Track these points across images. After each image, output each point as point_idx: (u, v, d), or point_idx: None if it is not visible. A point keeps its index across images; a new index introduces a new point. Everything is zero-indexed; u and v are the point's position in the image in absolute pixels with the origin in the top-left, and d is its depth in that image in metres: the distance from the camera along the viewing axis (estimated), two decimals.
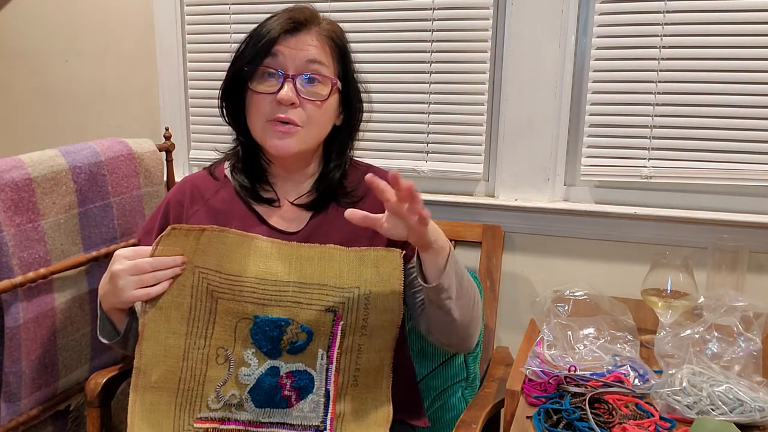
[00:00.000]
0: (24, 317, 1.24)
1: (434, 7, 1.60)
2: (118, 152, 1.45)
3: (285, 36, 1.07)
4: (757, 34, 1.40)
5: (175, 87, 1.87)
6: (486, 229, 1.58)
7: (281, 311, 1.06)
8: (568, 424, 0.97)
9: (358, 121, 1.18)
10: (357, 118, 1.17)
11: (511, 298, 1.65)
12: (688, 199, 1.52)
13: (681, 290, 1.19)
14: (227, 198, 1.17)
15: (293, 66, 1.07)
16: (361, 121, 1.18)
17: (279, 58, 1.07)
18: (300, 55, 1.07)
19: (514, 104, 1.57)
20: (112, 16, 1.91)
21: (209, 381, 1.07)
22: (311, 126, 1.09)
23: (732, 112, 1.44)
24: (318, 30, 1.09)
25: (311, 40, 1.08)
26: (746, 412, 0.95)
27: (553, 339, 1.17)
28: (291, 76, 1.06)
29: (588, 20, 1.53)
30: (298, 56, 1.07)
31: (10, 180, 1.22)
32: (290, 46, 1.07)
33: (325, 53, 1.09)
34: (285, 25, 1.07)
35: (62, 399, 1.38)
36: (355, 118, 1.17)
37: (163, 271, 1.03)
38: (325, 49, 1.09)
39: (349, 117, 1.16)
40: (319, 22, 1.10)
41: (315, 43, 1.08)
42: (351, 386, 1.10)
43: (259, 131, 1.10)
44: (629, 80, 1.50)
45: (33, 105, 2.05)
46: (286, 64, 1.07)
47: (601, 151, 1.55)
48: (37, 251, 1.27)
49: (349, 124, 1.17)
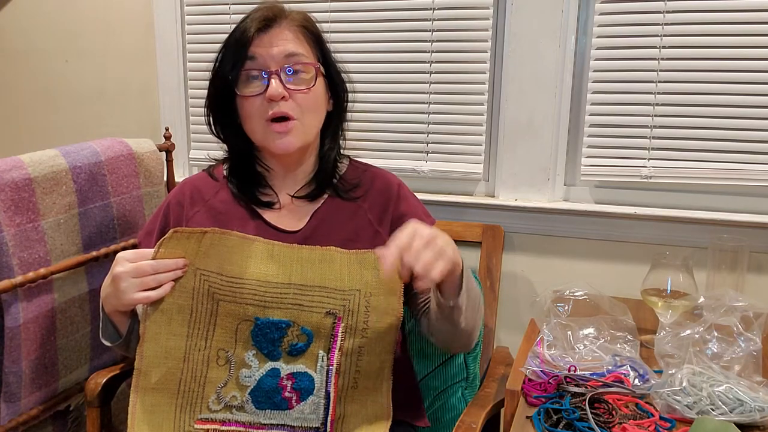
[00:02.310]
0: (24, 317, 1.24)
1: (434, 7, 1.60)
2: (118, 152, 1.45)
3: (258, 35, 1.08)
4: (757, 34, 1.40)
5: (175, 87, 1.87)
6: (486, 229, 1.58)
7: (282, 313, 1.06)
8: (568, 424, 0.97)
9: (345, 101, 1.19)
10: (344, 99, 1.19)
11: (511, 298, 1.65)
12: (688, 199, 1.52)
13: (681, 290, 1.19)
14: (227, 199, 1.17)
15: (273, 62, 1.08)
16: (347, 102, 1.20)
17: (258, 59, 1.08)
18: (277, 51, 1.08)
19: (514, 104, 1.57)
20: (112, 16, 1.91)
21: (210, 382, 1.07)
22: (306, 115, 1.10)
23: (732, 112, 1.44)
24: (288, 22, 1.11)
25: (284, 33, 1.10)
26: (746, 412, 0.95)
27: (553, 339, 1.17)
28: (274, 72, 1.07)
29: (588, 20, 1.53)
30: (276, 52, 1.08)
31: (10, 180, 1.22)
32: (265, 45, 1.08)
33: (301, 42, 1.11)
34: (257, 25, 1.08)
35: (62, 399, 1.37)
36: (342, 99, 1.19)
37: (164, 274, 1.03)
38: (300, 38, 1.11)
39: (337, 101, 1.18)
40: (288, 15, 1.12)
41: (289, 35, 1.10)
42: (351, 388, 1.10)
43: (259, 135, 1.11)
44: (629, 80, 1.50)
45: (33, 105, 2.05)
46: (267, 63, 1.08)
47: (601, 151, 1.55)
48: (37, 251, 1.27)
49: (339, 107, 1.19)
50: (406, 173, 1.67)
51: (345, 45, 1.67)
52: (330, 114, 1.18)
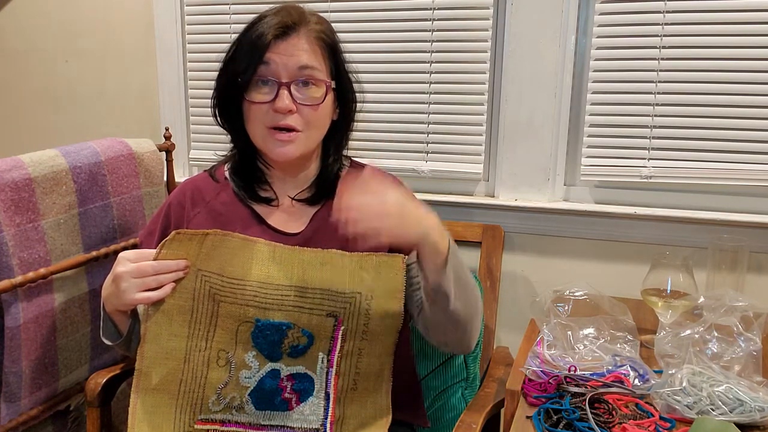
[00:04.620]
0: (24, 317, 1.24)
1: (434, 7, 1.60)
2: (118, 152, 1.45)
3: (276, 42, 1.06)
4: (757, 34, 1.40)
5: (175, 87, 1.87)
6: (486, 229, 1.58)
7: (283, 315, 1.06)
8: (568, 424, 0.97)
9: (353, 112, 1.18)
10: (352, 109, 1.18)
11: (511, 298, 1.65)
12: (688, 199, 1.52)
13: (681, 290, 1.19)
14: (228, 200, 1.17)
15: (286, 73, 1.06)
16: (355, 112, 1.19)
17: (272, 66, 1.06)
18: (292, 61, 1.06)
19: (514, 104, 1.57)
20: (112, 16, 1.91)
21: (210, 383, 1.07)
22: (311, 129, 1.10)
23: (732, 112, 1.44)
24: (307, 31, 1.09)
25: (302, 44, 1.08)
26: (746, 412, 0.95)
27: (553, 339, 1.18)
28: (285, 84, 1.06)
29: (588, 20, 1.53)
30: (291, 62, 1.06)
31: (10, 180, 1.22)
32: (282, 53, 1.06)
33: (316, 55, 1.09)
34: (275, 31, 1.06)
35: (62, 399, 1.38)
36: (350, 110, 1.18)
37: (165, 275, 1.04)
38: (316, 51, 1.09)
39: (344, 111, 1.17)
40: (307, 22, 1.10)
41: (306, 47, 1.08)
42: (351, 390, 1.10)
43: (259, 139, 1.11)
44: (629, 80, 1.50)
45: (33, 105, 2.05)
46: (279, 72, 1.06)
47: (601, 151, 1.55)
48: (37, 251, 1.27)
49: (345, 117, 1.18)
50: (406, 173, 1.67)
51: (345, 45, 1.66)
52: (335, 123, 1.17)
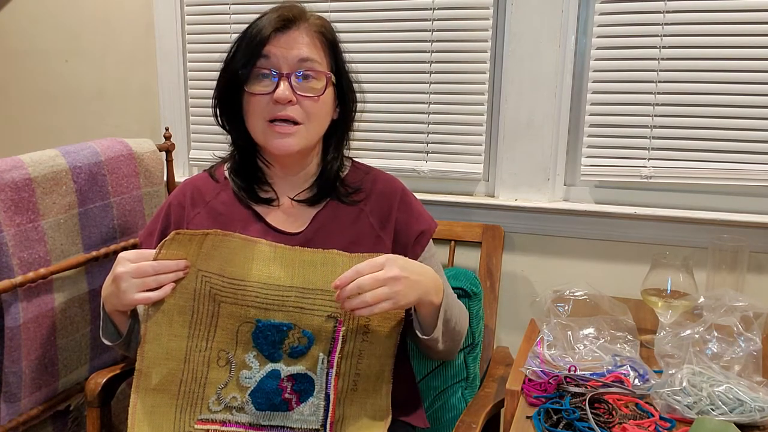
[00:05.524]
0: (24, 317, 1.24)
1: (434, 7, 1.60)
2: (118, 152, 1.45)
3: (276, 35, 1.08)
4: (757, 34, 1.40)
5: (175, 87, 1.87)
6: (486, 229, 1.58)
7: (283, 316, 1.06)
8: (568, 424, 0.97)
9: (353, 112, 1.19)
10: (352, 109, 1.19)
11: (511, 298, 1.65)
12: (688, 199, 1.52)
13: (681, 290, 1.19)
14: (228, 200, 1.17)
15: (286, 65, 1.07)
16: (356, 112, 1.19)
17: (272, 58, 1.08)
18: (292, 53, 1.07)
19: (514, 104, 1.57)
20: (112, 16, 1.91)
21: (210, 383, 1.07)
22: (311, 122, 1.10)
23: (732, 112, 1.44)
24: (307, 26, 1.10)
25: (302, 37, 1.09)
26: (746, 412, 0.95)
27: (553, 339, 1.17)
28: (285, 75, 1.07)
29: (588, 20, 1.53)
30: (291, 55, 1.07)
31: (10, 180, 1.22)
32: (282, 46, 1.08)
33: (317, 48, 1.10)
34: (275, 24, 1.08)
35: (62, 399, 1.38)
36: (350, 109, 1.18)
37: (165, 275, 1.04)
38: (316, 45, 1.10)
39: (345, 110, 1.17)
40: (307, 18, 1.11)
41: (305, 40, 1.09)
42: (351, 390, 1.10)
43: (259, 133, 1.11)
44: (629, 80, 1.50)
45: (33, 105, 2.05)
46: (279, 64, 1.07)
47: (601, 151, 1.55)
48: (37, 251, 1.27)
49: (345, 116, 1.18)
50: (406, 173, 1.67)
51: (344, 45, 1.66)
52: (335, 122, 1.17)
